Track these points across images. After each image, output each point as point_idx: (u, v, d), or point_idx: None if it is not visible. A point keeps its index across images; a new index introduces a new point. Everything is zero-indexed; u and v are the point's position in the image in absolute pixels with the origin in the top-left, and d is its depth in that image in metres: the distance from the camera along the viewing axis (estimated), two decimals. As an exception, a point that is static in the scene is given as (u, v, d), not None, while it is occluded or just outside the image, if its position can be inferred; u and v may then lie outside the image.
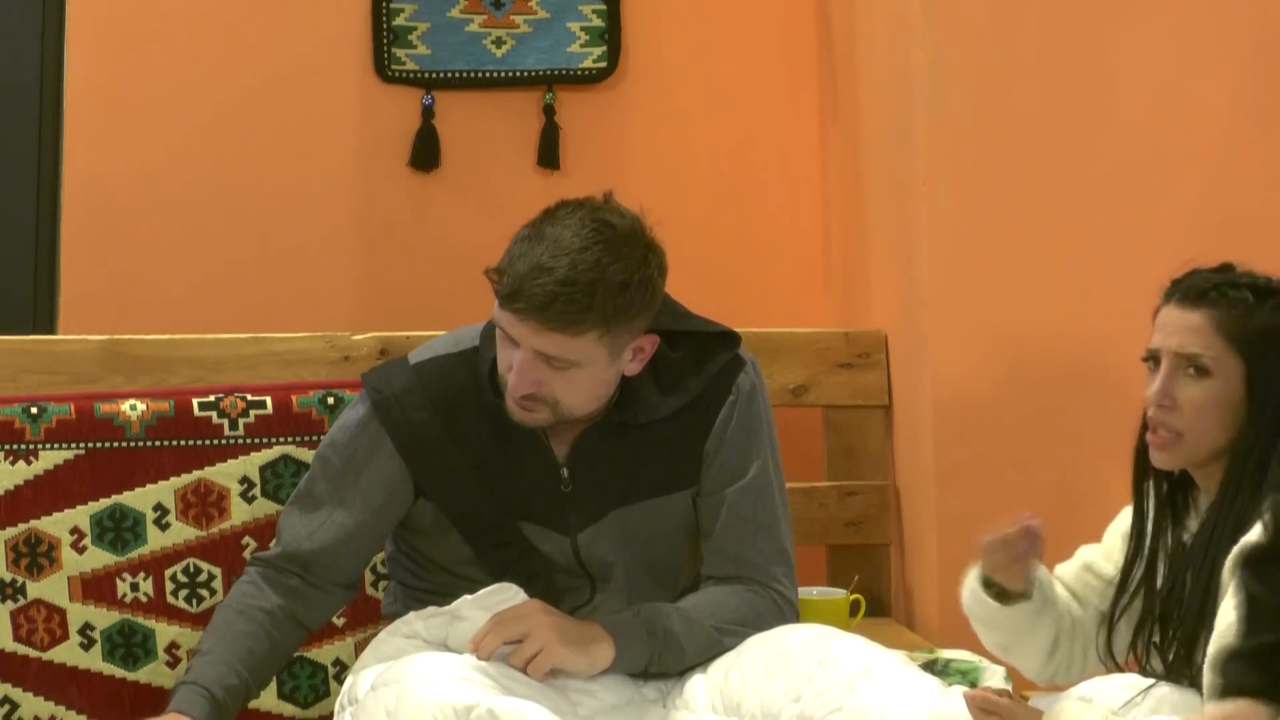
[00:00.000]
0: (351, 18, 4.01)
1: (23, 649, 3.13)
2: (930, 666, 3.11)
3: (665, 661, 2.84)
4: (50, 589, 3.15)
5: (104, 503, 3.17)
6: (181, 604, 3.19)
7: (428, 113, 4.02)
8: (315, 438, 3.20)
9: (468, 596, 2.82)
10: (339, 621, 3.22)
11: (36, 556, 3.15)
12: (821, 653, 2.73)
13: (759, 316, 3.86)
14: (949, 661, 3.20)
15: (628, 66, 4.08)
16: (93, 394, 3.24)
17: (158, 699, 3.14)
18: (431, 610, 2.83)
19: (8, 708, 3.12)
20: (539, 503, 2.92)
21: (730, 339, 2.99)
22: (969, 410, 3.49)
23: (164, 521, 3.19)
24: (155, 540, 3.19)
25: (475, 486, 2.91)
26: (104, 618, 3.17)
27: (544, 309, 2.74)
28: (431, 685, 2.63)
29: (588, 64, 4.05)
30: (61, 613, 3.16)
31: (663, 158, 4.10)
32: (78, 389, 3.31)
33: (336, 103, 4.01)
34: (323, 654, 3.24)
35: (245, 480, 3.22)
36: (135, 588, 3.18)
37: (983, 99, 3.50)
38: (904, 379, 3.70)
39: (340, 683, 3.11)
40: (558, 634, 2.75)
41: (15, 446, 3.16)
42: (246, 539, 3.21)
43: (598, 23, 4.05)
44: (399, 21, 4.00)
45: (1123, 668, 2.67)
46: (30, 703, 3.13)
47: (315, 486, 2.96)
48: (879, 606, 3.68)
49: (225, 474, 3.21)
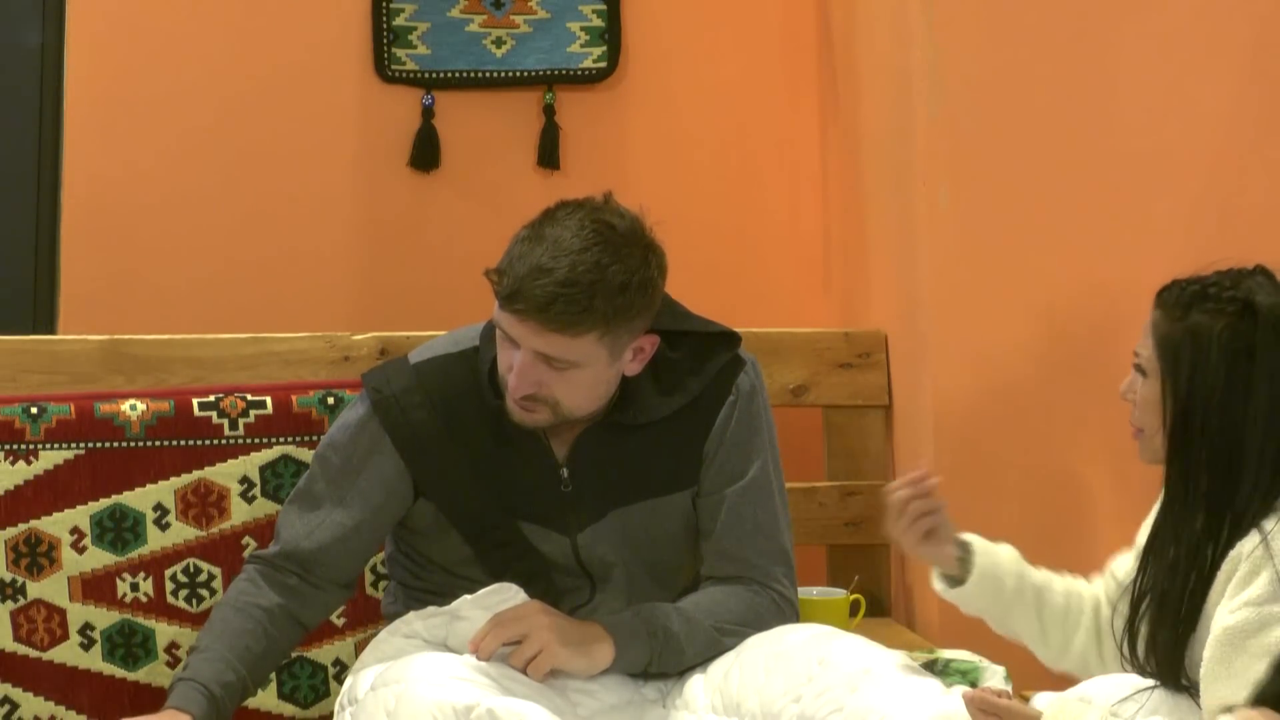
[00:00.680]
0: (351, 18, 4.01)
1: (23, 649, 3.13)
2: (930, 666, 3.11)
3: (665, 662, 2.84)
4: (50, 589, 3.15)
5: (104, 503, 3.17)
6: (181, 604, 3.19)
7: (428, 113, 4.02)
8: (315, 438, 3.20)
9: (467, 596, 2.81)
10: (339, 621, 3.22)
11: (36, 556, 3.15)
12: (822, 653, 2.73)
13: (759, 316, 3.86)
14: (949, 661, 3.20)
15: (628, 66, 4.08)
16: (93, 394, 3.24)
17: (158, 699, 3.13)
18: (431, 610, 2.83)
19: (8, 708, 3.12)
20: (539, 503, 2.92)
21: (730, 339, 2.98)
22: (969, 410, 3.49)
23: (164, 521, 3.19)
24: (155, 540, 3.19)
25: (475, 486, 2.91)
26: (104, 618, 3.17)
27: (544, 310, 2.74)
28: (431, 685, 2.63)
29: (588, 64, 4.05)
30: (61, 613, 3.16)
31: (663, 158, 4.09)
32: (78, 389, 3.30)
33: (336, 103, 4.01)
34: (323, 654, 3.24)
35: (245, 480, 3.22)
36: (135, 588, 3.18)
37: (983, 99, 3.49)
38: (904, 379, 3.70)
39: (340, 683, 3.11)
40: (557, 634, 2.75)
41: (15, 446, 3.15)
42: (246, 539, 3.21)
43: (598, 23, 4.05)
44: (399, 21, 4.00)
45: (1146, 670, 2.65)
46: (30, 703, 3.13)
47: (314, 485, 2.96)
48: (879, 606, 3.68)
49: (225, 474, 3.21)
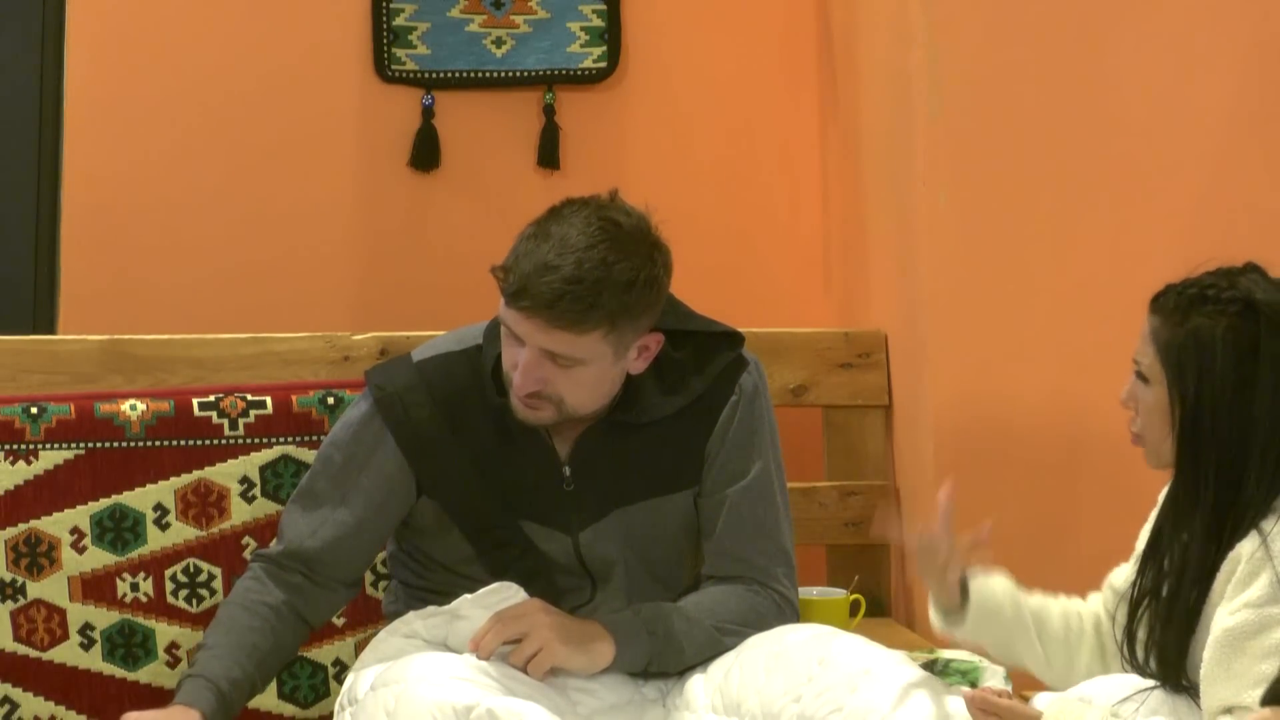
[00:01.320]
0: (351, 18, 4.01)
1: (23, 649, 3.13)
2: (930, 666, 3.11)
3: (665, 661, 2.83)
4: (50, 589, 3.15)
5: (104, 503, 3.17)
6: (181, 604, 3.19)
7: (428, 113, 4.02)
8: (315, 438, 3.20)
9: (467, 596, 2.81)
10: (339, 621, 3.22)
11: (36, 556, 3.15)
12: (822, 653, 2.73)
13: (759, 316, 3.86)
14: (949, 661, 3.20)
15: (628, 66, 4.08)
16: (93, 394, 3.24)
17: (158, 699, 3.13)
18: (431, 610, 2.83)
19: (8, 708, 3.12)
20: (541, 501, 2.91)
21: (734, 339, 2.99)
22: (969, 410, 3.49)
23: (164, 521, 3.19)
24: (155, 540, 3.19)
25: (477, 484, 2.90)
26: (104, 618, 3.17)
27: (550, 306, 2.74)
28: (431, 685, 2.63)
29: (588, 64, 4.05)
30: (61, 613, 3.16)
31: (663, 158, 4.09)
32: (78, 389, 3.31)
33: (336, 103, 4.01)
34: (323, 654, 3.24)
35: (245, 480, 3.22)
36: (135, 588, 3.18)
37: (983, 99, 3.49)
38: (904, 379, 3.70)
39: (340, 683, 3.11)
40: (558, 633, 2.75)
41: (15, 446, 3.16)
42: (246, 539, 3.21)
43: (598, 23, 4.05)
44: (399, 21, 4.00)
45: (1147, 671, 2.65)
46: (30, 703, 3.13)
47: (317, 484, 2.96)
48: (879, 606, 3.68)
49: (225, 474, 3.21)
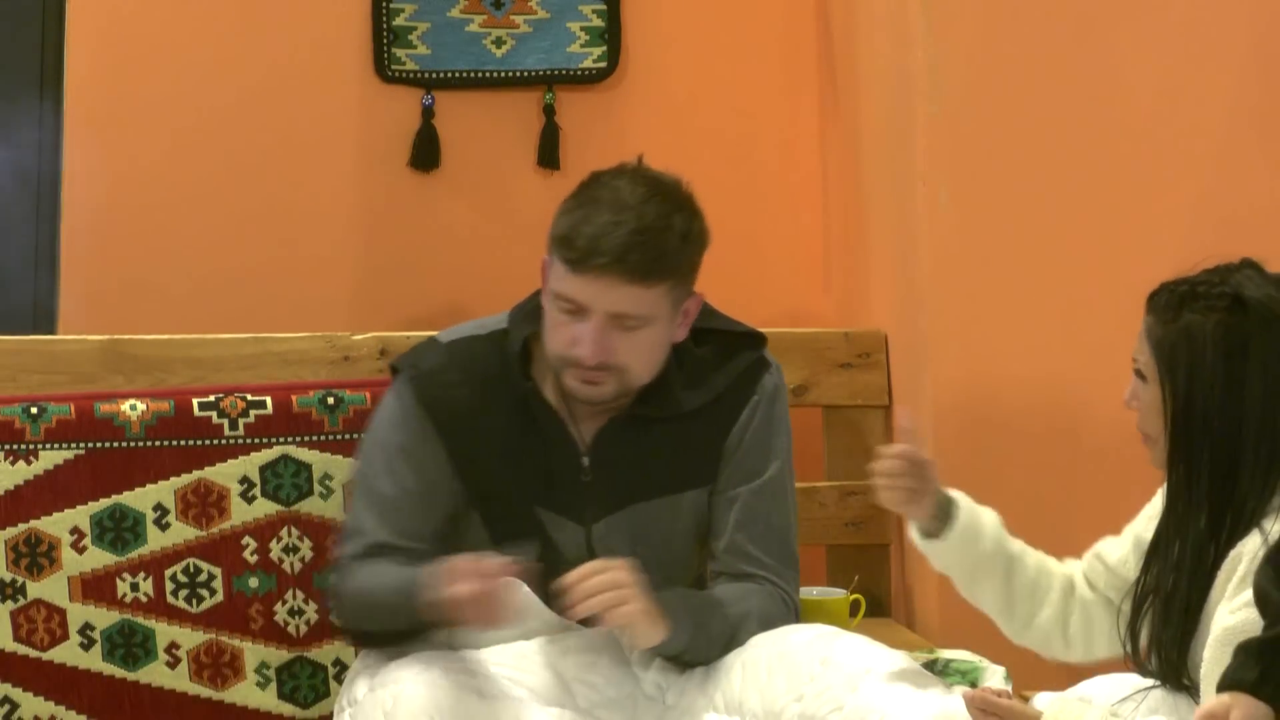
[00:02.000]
0: (351, 18, 4.00)
1: (23, 649, 3.14)
2: (930, 666, 3.11)
3: (697, 652, 2.84)
4: (50, 589, 3.15)
5: (104, 503, 3.18)
6: (181, 604, 3.19)
7: (428, 113, 4.01)
8: (315, 438, 3.20)
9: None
10: (339, 621, 3.22)
11: (36, 556, 3.15)
12: (824, 652, 2.73)
13: (759, 316, 3.84)
14: (949, 661, 3.20)
15: (628, 66, 4.08)
16: (93, 394, 3.24)
17: (158, 699, 3.14)
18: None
19: (8, 708, 3.12)
20: (558, 490, 2.92)
21: (756, 339, 3.00)
22: (969, 410, 3.49)
23: (164, 521, 3.19)
24: (155, 540, 3.19)
25: (500, 467, 2.90)
26: (104, 618, 3.17)
27: (622, 260, 2.76)
28: (429, 684, 2.63)
29: (588, 64, 4.05)
30: (61, 613, 3.16)
31: (663, 158, 4.04)
32: (78, 389, 3.30)
33: (336, 103, 4.01)
34: (323, 654, 3.24)
35: (245, 480, 3.22)
36: (135, 588, 3.18)
37: (983, 99, 3.50)
38: (904, 379, 3.70)
39: (340, 683, 3.11)
40: (644, 597, 2.73)
41: (15, 446, 3.16)
42: (246, 539, 3.21)
43: (598, 23, 4.04)
44: (399, 21, 4.00)
45: (1148, 670, 2.65)
46: (30, 703, 3.13)
47: (374, 483, 2.93)
48: (879, 606, 3.68)
49: (225, 474, 3.21)
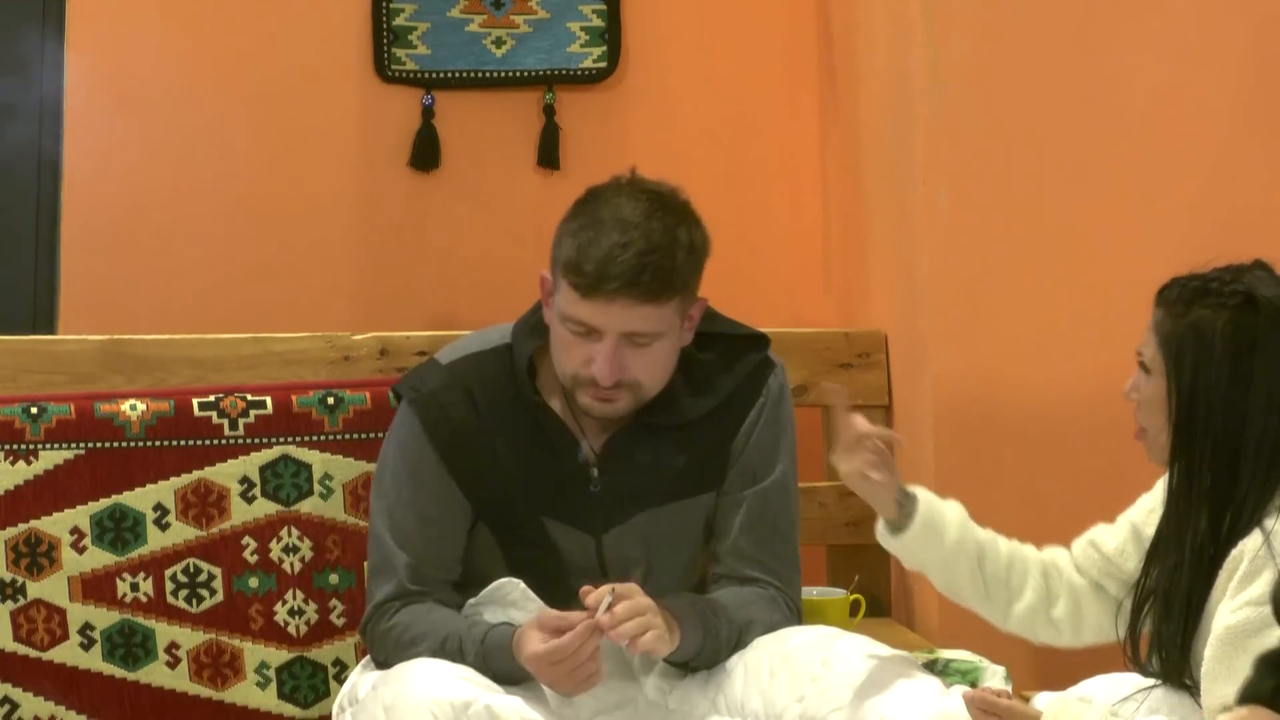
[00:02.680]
0: (351, 18, 4.00)
1: (23, 649, 3.14)
2: (930, 666, 3.11)
3: (704, 659, 2.84)
4: (50, 589, 3.15)
5: (104, 503, 3.18)
6: (181, 604, 3.19)
7: (428, 113, 4.01)
8: (315, 438, 3.20)
9: (471, 600, 2.83)
10: (339, 621, 3.22)
11: (36, 556, 3.15)
12: (826, 653, 2.74)
13: (759, 316, 3.84)
14: (949, 661, 3.20)
15: (628, 66, 4.08)
16: (93, 394, 3.24)
17: (158, 699, 3.14)
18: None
19: (8, 708, 3.12)
20: (567, 501, 2.91)
21: (759, 341, 3.00)
22: (969, 410, 3.49)
23: (164, 521, 3.19)
24: (155, 540, 3.19)
25: (507, 481, 2.90)
26: (104, 618, 3.17)
27: (635, 282, 2.77)
28: (428, 683, 2.64)
29: (588, 64, 4.05)
30: (61, 613, 3.16)
31: (663, 158, 4.07)
32: (78, 389, 3.30)
33: (336, 103, 4.01)
34: (323, 654, 3.24)
35: (245, 480, 3.21)
36: (135, 588, 3.18)
37: (983, 99, 3.50)
38: (904, 379, 3.70)
39: (340, 683, 3.11)
40: (662, 621, 2.72)
41: (15, 446, 3.16)
42: (246, 539, 3.21)
43: (598, 23, 4.04)
44: (399, 21, 4.00)
45: (1148, 669, 2.65)
46: (30, 703, 3.13)
47: (395, 516, 2.92)
48: (879, 606, 3.67)
49: (225, 474, 3.21)
